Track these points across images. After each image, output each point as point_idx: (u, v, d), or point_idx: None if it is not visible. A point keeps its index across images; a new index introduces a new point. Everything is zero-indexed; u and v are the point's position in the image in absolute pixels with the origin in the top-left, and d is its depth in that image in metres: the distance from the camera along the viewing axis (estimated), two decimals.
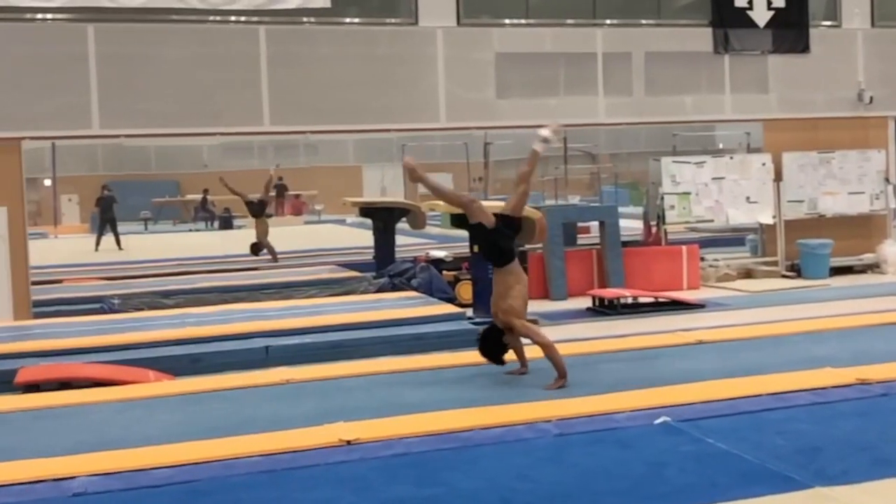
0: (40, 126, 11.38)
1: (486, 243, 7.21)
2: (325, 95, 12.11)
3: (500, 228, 7.05)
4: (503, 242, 7.06)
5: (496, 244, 7.07)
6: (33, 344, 8.85)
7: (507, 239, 7.10)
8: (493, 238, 7.06)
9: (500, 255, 7.08)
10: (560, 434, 5.52)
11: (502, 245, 7.06)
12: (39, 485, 4.75)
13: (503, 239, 7.07)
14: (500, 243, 7.05)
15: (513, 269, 7.04)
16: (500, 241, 7.05)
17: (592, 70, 13.26)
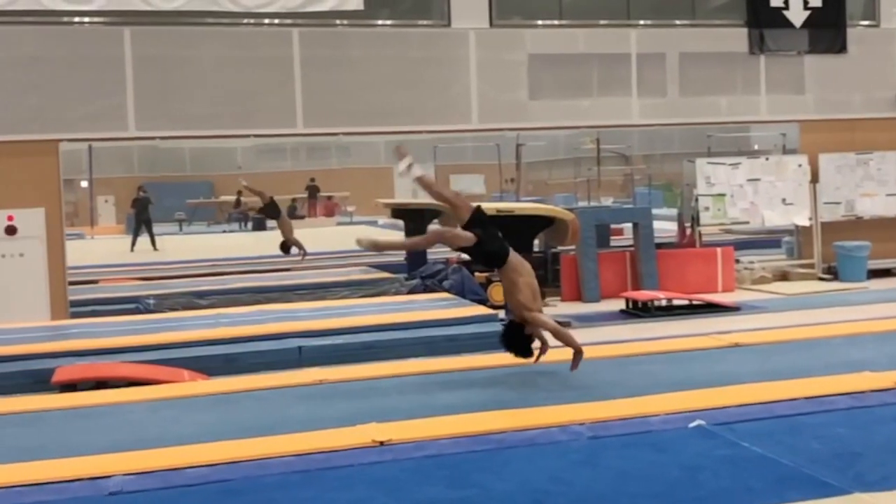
0: (78, 128, 11.53)
1: (475, 253, 6.98)
2: (357, 97, 12.15)
3: (483, 234, 6.81)
4: (491, 245, 6.85)
5: (484, 251, 6.88)
6: (70, 343, 8.96)
7: (494, 240, 6.88)
8: (480, 247, 6.82)
9: (495, 258, 6.93)
10: (594, 437, 5.47)
11: (490, 248, 6.86)
12: (76, 483, 4.79)
13: (490, 242, 6.84)
14: (487, 248, 6.85)
15: (513, 265, 6.87)
16: (487, 245, 6.83)
17: (626, 71, 13.19)
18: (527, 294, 6.86)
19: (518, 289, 6.85)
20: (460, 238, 6.75)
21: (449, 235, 6.87)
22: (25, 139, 11.09)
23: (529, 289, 6.89)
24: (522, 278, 6.88)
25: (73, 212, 31.57)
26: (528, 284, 6.89)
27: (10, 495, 4.65)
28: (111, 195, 33.30)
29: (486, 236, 6.80)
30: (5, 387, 7.77)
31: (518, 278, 6.88)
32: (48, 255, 11.05)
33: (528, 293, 6.87)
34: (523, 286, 6.86)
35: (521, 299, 6.82)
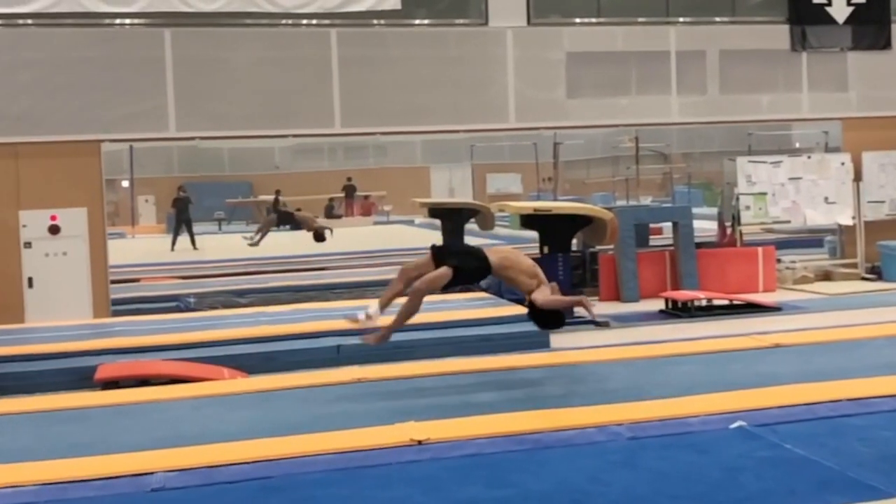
0: (119, 129, 11.68)
1: (461, 278, 6.83)
2: (394, 97, 12.18)
3: (455, 260, 6.69)
4: (468, 264, 6.73)
5: (466, 273, 6.79)
6: (112, 341, 9.08)
7: (467, 257, 6.78)
8: (461, 272, 6.71)
9: (480, 272, 6.86)
10: (632, 437, 5.45)
11: (470, 267, 6.74)
12: (119, 480, 4.86)
13: (465, 262, 6.72)
14: (467, 268, 6.72)
15: (498, 266, 6.77)
16: (465, 267, 6.71)
17: (665, 69, 13.08)
18: (524, 280, 6.77)
19: (516, 282, 6.79)
20: (438, 279, 6.58)
21: (427, 284, 6.59)
22: (68, 140, 11.25)
23: (524, 275, 6.79)
24: (513, 271, 6.79)
25: (115, 211, 31.97)
26: (522, 272, 6.79)
27: (55, 491, 4.73)
28: (152, 195, 33.67)
29: (459, 261, 6.69)
30: (50, 384, 7.89)
31: (510, 273, 6.79)
32: (90, 253, 11.20)
33: (524, 279, 6.77)
34: (517, 276, 6.77)
35: (524, 288, 6.77)
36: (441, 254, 6.72)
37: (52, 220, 11.08)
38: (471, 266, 6.71)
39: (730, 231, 13.82)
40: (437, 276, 6.53)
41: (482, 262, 6.76)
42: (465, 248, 6.84)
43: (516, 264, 6.81)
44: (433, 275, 6.55)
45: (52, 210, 11.07)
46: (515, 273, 6.78)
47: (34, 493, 4.70)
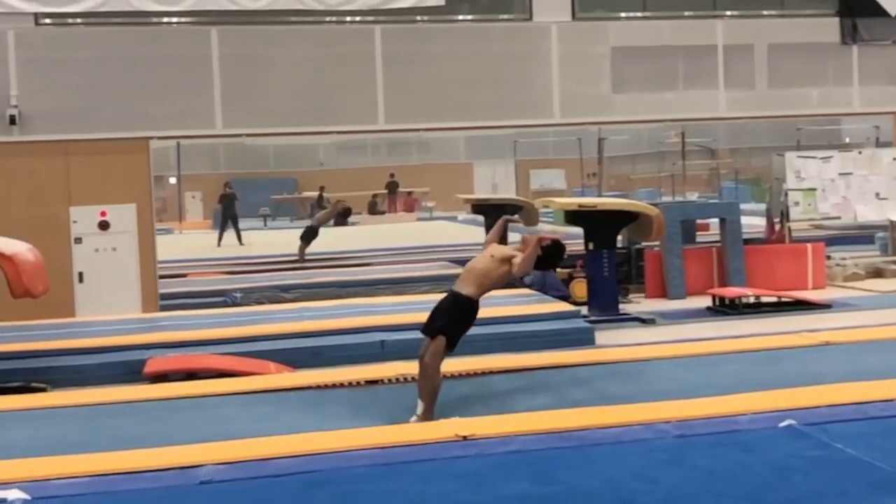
0: (167, 126, 11.84)
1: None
2: (438, 93, 12.18)
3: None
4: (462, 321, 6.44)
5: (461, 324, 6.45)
6: (160, 335, 9.23)
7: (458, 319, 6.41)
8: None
9: (471, 314, 6.47)
10: (680, 435, 5.38)
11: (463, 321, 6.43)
12: (168, 472, 4.91)
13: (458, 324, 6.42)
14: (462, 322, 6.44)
15: (477, 296, 6.42)
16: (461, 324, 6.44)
17: (712, 63, 12.95)
18: (504, 273, 6.38)
19: (503, 278, 6.46)
20: (436, 351, 6.27)
21: (430, 359, 6.27)
22: (118, 137, 11.43)
23: (499, 272, 6.36)
24: (488, 280, 6.39)
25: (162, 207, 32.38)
26: (496, 275, 6.38)
27: (105, 483, 4.79)
28: (198, 191, 34.05)
29: (443, 323, 6.33)
30: (100, 377, 8.03)
31: (490, 283, 6.42)
32: (139, 249, 11.37)
33: (504, 272, 6.37)
34: (497, 279, 6.40)
35: (516, 275, 6.50)
36: (429, 330, 6.41)
37: (101, 216, 11.27)
38: (455, 316, 6.37)
39: (778, 227, 13.64)
40: (434, 349, 6.32)
41: (459, 304, 6.40)
42: (442, 307, 6.42)
43: (485, 275, 6.40)
44: (430, 351, 6.33)
45: (102, 206, 11.26)
46: (493, 279, 6.42)
47: (86, 484, 4.77)
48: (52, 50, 11.48)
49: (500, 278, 6.46)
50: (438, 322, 6.35)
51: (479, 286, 6.39)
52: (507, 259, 6.40)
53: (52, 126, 11.31)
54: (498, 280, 6.46)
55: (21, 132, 11.21)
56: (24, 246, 7.71)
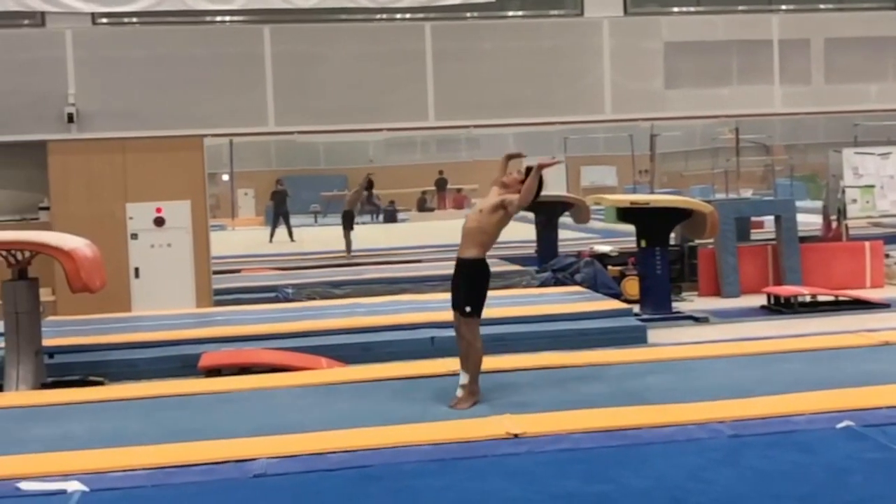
0: (221, 123, 11.99)
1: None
2: (488, 89, 12.16)
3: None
4: (471, 284, 6.36)
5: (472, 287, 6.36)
6: (214, 330, 9.35)
7: (468, 285, 6.37)
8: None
9: (476, 273, 6.37)
10: (734, 435, 5.32)
11: (472, 284, 6.35)
12: (222, 465, 4.98)
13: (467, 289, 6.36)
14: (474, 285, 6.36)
15: (481, 253, 6.34)
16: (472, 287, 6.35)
17: (768, 58, 12.74)
18: (504, 217, 6.30)
19: (504, 222, 6.33)
20: (459, 327, 6.36)
21: (461, 332, 6.39)
22: (172, 135, 11.59)
23: (497, 217, 6.28)
24: (488, 234, 6.30)
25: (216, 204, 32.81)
26: (491, 226, 6.29)
27: (161, 475, 4.87)
28: (251, 188, 34.44)
29: (454, 297, 6.37)
30: (156, 370, 8.17)
31: (490, 236, 6.32)
32: (194, 245, 11.52)
33: (504, 216, 6.29)
34: (496, 225, 6.30)
35: (516, 206, 6.27)
36: (455, 304, 6.45)
37: (157, 212, 11.43)
38: (470, 284, 6.36)
39: (835, 225, 13.40)
40: (466, 323, 6.38)
41: (469, 270, 6.36)
42: (457, 279, 6.42)
43: (481, 231, 6.30)
44: (464, 326, 6.39)
45: (158, 203, 11.42)
46: (491, 232, 6.31)
47: (143, 476, 4.86)
48: (109, 49, 11.67)
49: (498, 226, 6.37)
50: (460, 296, 6.37)
51: (479, 244, 6.35)
52: (498, 206, 6.33)
53: (108, 124, 11.51)
54: (496, 230, 6.38)
55: (79, 130, 11.43)
56: (83, 242, 7.85)
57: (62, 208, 11.25)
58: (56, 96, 11.37)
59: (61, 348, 8.55)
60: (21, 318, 7.65)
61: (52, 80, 11.37)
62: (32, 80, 11.38)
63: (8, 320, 7.67)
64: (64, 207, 11.24)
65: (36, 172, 11.54)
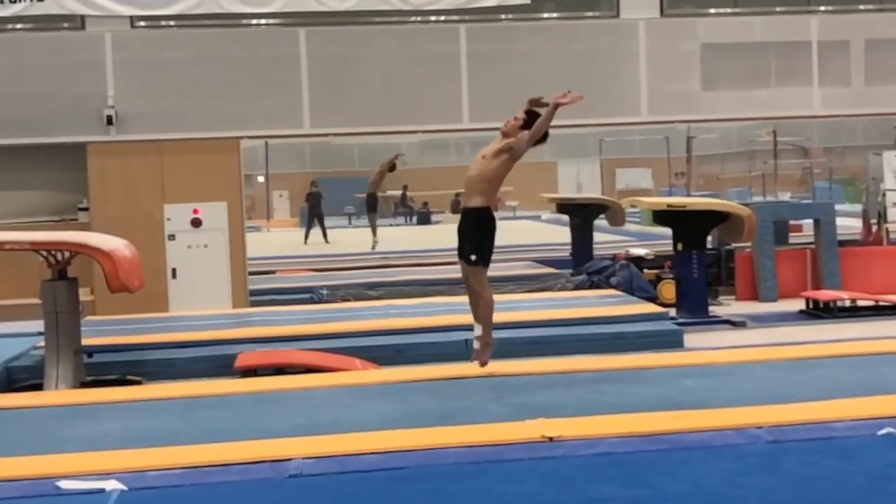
0: (257, 125, 12.09)
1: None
2: (523, 91, 11.94)
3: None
4: (478, 232, 6.39)
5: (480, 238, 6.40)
6: (250, 331, 9.41)
7: (475, 234, 6.41)
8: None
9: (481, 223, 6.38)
10: (773, 441, 5.25)
11: (478, 232, 6.37)
12: (258, 465, 5.00)
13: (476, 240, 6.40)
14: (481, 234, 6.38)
15: (487, 200, 6.38)
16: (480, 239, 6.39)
17: (806, 59, 12.60)
18: (509, 160, 6.33)
19: (502, 163, 6.33)
20: (466, 277, 6.42)
21: (469, 283, 6.48)
22: (209, 137, 11.70)
23: (498, 163, 6.34)
24: (495, 181, 6.34)
25: (251, 206, 33.08)
26: (496, 172, 6.35)
27: (198, 475, 4.90)
28: (286, 190, 34.67)
29: (462, 247, 6.42)
30: (193, 370, 8.24)
31: (497, 180, 6.35)
32: (230, 246, 11.62)
33: (508, 160, 6.33)
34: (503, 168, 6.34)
35: (526, 144, 6.28)
36: (462, 255, 6.51)
37: (194, 213, 11.55)
38: (477, 234, 6.37)
39: (875, 229, 13.22)
40: (475, 274, 6.43)
41: (475, 220, 6.36)
42: (464, 229, 6.43)
43: (483, 179, 6.30)
44: (472, 277, 6.47)
45: (195, 204, 11.53)
46: (494, 179, 6.30)
47: (179, 476, 4.89)
48: (147, 52, 11.81)
49: (500, 171, 6.34)
50: (466, 246, 6.34)
51: (483, 193, 6.32)
52: (502, 150, 6.30)
53: (146, 126, 11.64)
54: (499, 175, 6.34)
55: (118, 132, 11.57)
56: (121, 242, 7.95)
57: (101, 209, 11.39)
58: (95, 99, 11.52)
59: (100, 348, 8.66)
60: (61, 318, 7.75)
61: (91, 83, 11.52)
62: (72, 83, 11.54)
63: (48, 320, 7.77)
64: (103, 208, 11.39)
65: (75, 174, 11.70)
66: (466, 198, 6.39)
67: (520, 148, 6.29)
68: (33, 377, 7.97)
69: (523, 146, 6.29)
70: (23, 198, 11.80)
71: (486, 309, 6.36)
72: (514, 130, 6.34)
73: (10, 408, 6.59)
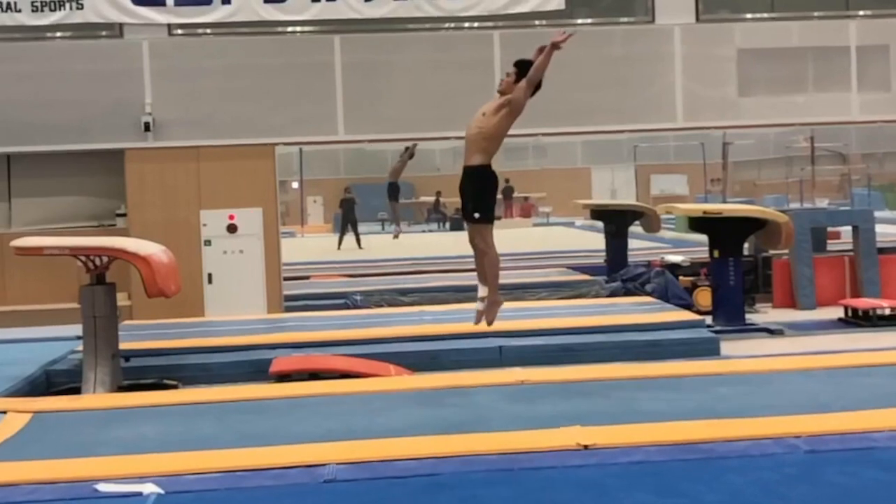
0: (292, 132, 12.16)
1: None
2: (557, 97, 11.98)
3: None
4: (478, 191, 6.37)
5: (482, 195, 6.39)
6: (285, 336, 9.47)
7: (475, 194, 6.41)
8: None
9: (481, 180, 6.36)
10: (811, 451, 5.18)
11: (480, 190, 6.35)
12: (293, 470, 5.02)
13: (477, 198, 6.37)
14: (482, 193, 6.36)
15: (488, 157, 6.36)
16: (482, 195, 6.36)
17: (845, 65, 12.44)
18: (510, 112, 6.31)
19: (501, 119, 6.31)
20: (469, 236, 6.44)
21: (474, 242, 6.49)
22: (245, 143, 11.79)
23: (497, 118, 6.33)
24: (496, 137, 6.34)
25: (285, 211, 33.28)
26: (497, 129, 6.35)
27: (233, 479, 4.94)
28: (319, 196, 34.84)
29: (464, 208, 6.45)
30: (228, 375, 8.30)
31: (497, 138, 6.35)
32: (265, 251, 11.69)
33: (509, 112, 6.31)
34: (504, 124, 6.34)
35: (526, 91, 6.25)
36: (466, 216, 6.52)
37: (230, 219, 11.63)
38: (478, 193, 6.35)
39: None
40: (480, 233, 6.44)
41: (475, 179, 6.32)
42: (465, 189, 6.41)
43: (483, 137, 6.28)
44: (478, 236, 6.48)
45: (230, 210, 11.62)
46: (494, 135, 6.26)
47: (216, 480, 4.92)
48: (184, 59, 11.93)
49: (499, 128, 6.29)
50: (469, 205, 6.33)
51: (483, 150, 6.30)
52: (501, 105, 6.26)
53: (183, 132, 11.76)
54: (498, 131, 6.30)
55: (155, 138, 11.70)
56: (158, 247, 8.03)
57: (138, 215, 11.52)
58: (133, 106, 11.65)
59: (137, 352, 8.75)
60: (99, 322, 7.84)
61: (129, 90, 11.66)
62: (110, 90, 11.68)
63: (86, 324, 7.87)
64: (140, 214, 11.51)
65: (113, 180, 11.84)
66: (467, 156, 6.35)
67: (519, 98, 6.25)
68: (72, 381, 8.07)
69: (522, 95, 6.26)
70: (62, 203, 11.96)
71: (491, 266, 6.36)
72: (509, 87, 6.32)
73: (49, 411, 6.68)
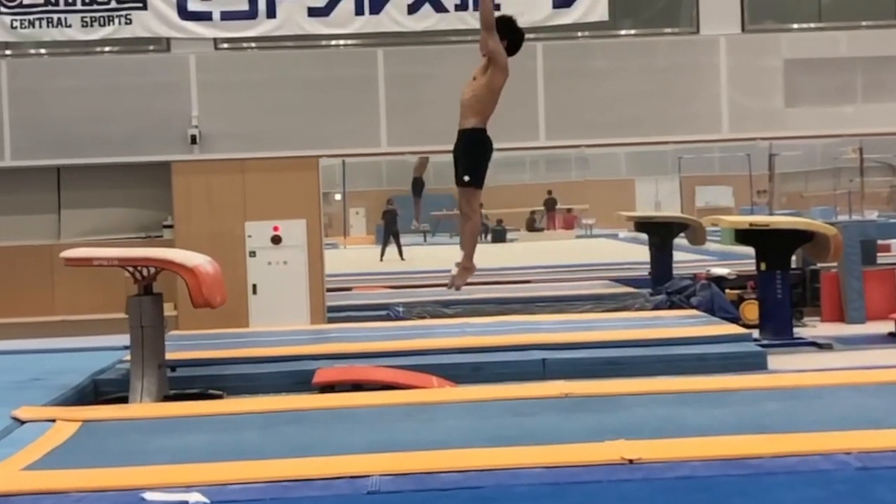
0: (335, 144, 12.25)
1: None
2: (600, 108, 12.03)
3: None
4: (470, 153, 6.24)
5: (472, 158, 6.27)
6: (328, 347, 9.51)
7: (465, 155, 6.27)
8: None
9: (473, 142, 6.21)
10: (862, 468, 5.08)
11: (471, 153, 6.23)
12: (338, 481, 5.03)
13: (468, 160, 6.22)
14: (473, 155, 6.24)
15: (484, 117, 6.20)
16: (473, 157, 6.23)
17: (895, 74, 12.22)
18: (498, 78, 6.20)
19: (491, 78, 6.18)
20: (459, 199, 6.38)
21: (462, 205, 6.44)
22: (289, 155, 11.89)
23: (485, 78, 6.21)
24: (485, 98, 6.18)
25: (328, 223, 33.46)
26: (485, 90, 6.18)
27: (278, 489, 4.96)
28: (362, 207, 35.01)
29: (457, 171, 6.30)
30: (272, 385, 8.36)
31: (487, 100, 6.19)
32: (309, 263, 11.77)
33: (498, 78, 6.20)
34: (481, 82, 6.20)
35: (503, 73, 6.17)
36: (457, 180, 6.38)
37: (274, 230, 11.73)
38: (470, 155, 6.26)
39: None
40: (466, 196, 6.36)
41: (468, 141, 6.24)
42: (457, 152, 6.31)
43: (476, 99, 6.15)
44: (464, 199, 6.42)
45: (275, 221, 11.72)
46: (485, 96, 6.14)
47: (261, 490, 4.95)
48: (230, 73, 12.08)
49: (490, 86, 6.19)
50: (459, 168, 6.27)
51: (477, 112, 6.20)
52: (486, 65, 6.19)
53: (229, 145, 11.89)
54: (489, 90, 6.19)
55: (201, 151, 11.84)
56: (204, 259, 8.11)
57: (185, 226, 11.66)
58: (180, 119, 11.82)
59: (183, 362, 8.83)
60: (146, 332, 7.93)
61: (176, 104, 11.83)
62: (158, 104, 11.86)
63: (133, 334, 7.97)
64: (186, 225, 11.65)
65: (160, 192, 12.00)
66: (462, 120, 6.29)
67: (494, 48, 6.17)
68: (119, 390, 8.17)
69: (493, 43, 6.18)
70: (110, 215, 12.15)
71: (470, 233, 6.39)
72: (483, 44, 6.25)
73: (97, 420, 6.77)
